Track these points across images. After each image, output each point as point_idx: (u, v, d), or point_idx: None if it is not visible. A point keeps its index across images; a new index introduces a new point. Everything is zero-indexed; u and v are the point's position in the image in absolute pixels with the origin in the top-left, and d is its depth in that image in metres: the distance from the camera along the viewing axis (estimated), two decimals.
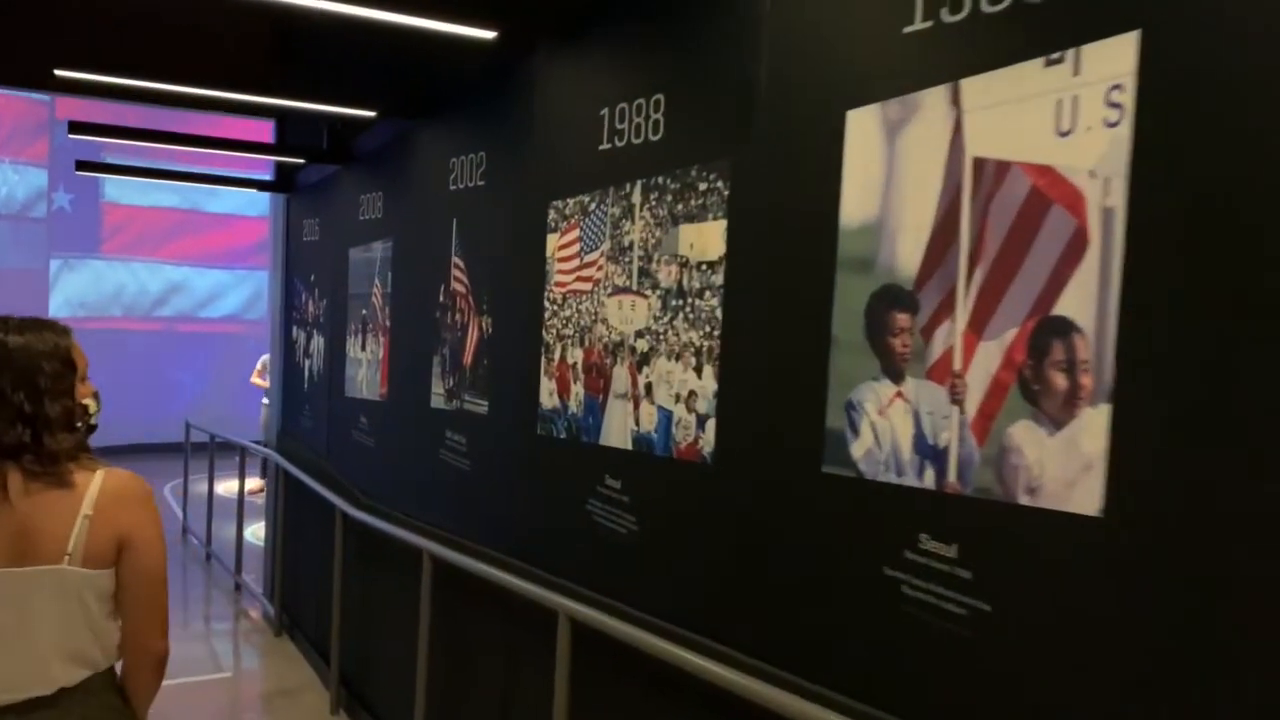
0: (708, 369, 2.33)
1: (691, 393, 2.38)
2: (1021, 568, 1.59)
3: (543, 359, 3.07)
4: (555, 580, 2.90)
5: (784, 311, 2.11)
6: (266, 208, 8.74)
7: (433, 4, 2.93)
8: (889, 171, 1.85)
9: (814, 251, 1.99)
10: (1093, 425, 1.48)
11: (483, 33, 3.04)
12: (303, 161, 5.63)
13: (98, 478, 1.83)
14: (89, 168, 6.51)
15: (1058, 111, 1.54)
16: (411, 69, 4.25)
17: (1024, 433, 1.59)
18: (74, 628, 1.80)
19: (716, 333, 2.30)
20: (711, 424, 2.31)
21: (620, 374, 2.67)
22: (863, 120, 1.90)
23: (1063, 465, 1.52)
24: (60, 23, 5.13)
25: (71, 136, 4.83)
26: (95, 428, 1.95)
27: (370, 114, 4.21)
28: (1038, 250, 1.57)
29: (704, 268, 2.34)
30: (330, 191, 5.47)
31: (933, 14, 1.77)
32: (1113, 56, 1.46)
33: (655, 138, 2.56)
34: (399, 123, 4.31)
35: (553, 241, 3.02)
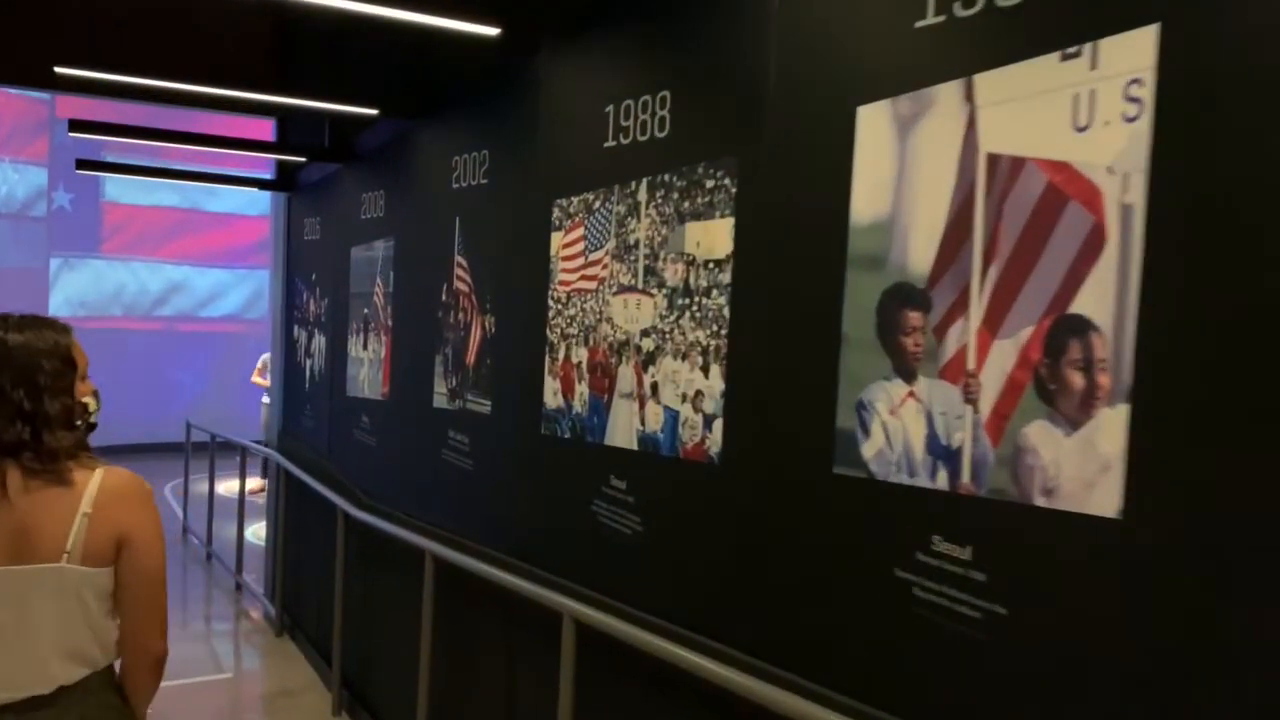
0: (715, 368, 2.30)
1: (698, 392, 2.35)
2: (1038, 570, 1.57)
3: (547, 358, 3.04)
4: (559, 581, 2.87)
5: (793, 310, 2.08)
6: (267, 207, 8.73)
7: (436, 0, 2.90)
8: (901, 168, 1.82)
9: (824, 249, 1.97)
10: (1111, 425, 1.45)
11: (486, 29, 3.02)
12: (304, 160, 5.61)
13: (97, 476, 1.83)
14: (89, 166, 6.48)
15: (1074, 106, 1.51)
16: (414, 67, 4.23)
17: (1040, 433, 1.56)
18: (73, 626, 1.79)
19: (724, 332, 2.28)
20: (719, 424, 2.28)
21: (625, 373, 2.65)
22: (874, 116, 1.88)
23: (1080, 466, 1.50)
24: (60, 21, 5.11)
25: (72, 135, 4.81)
26: (95, 426, 1.95)
27: (372, 112, 4.19)
28: (1054, 247, 1.55)
29: (711, 266, 2.32)
30: (332, 190, 5.44)
31: (945, 8, 1.75)
32: (1132, 50, 1.43)
33: (661, 135, 2.53)
34: (401, 121, 4.29)
35: (557, 240, 3.00)
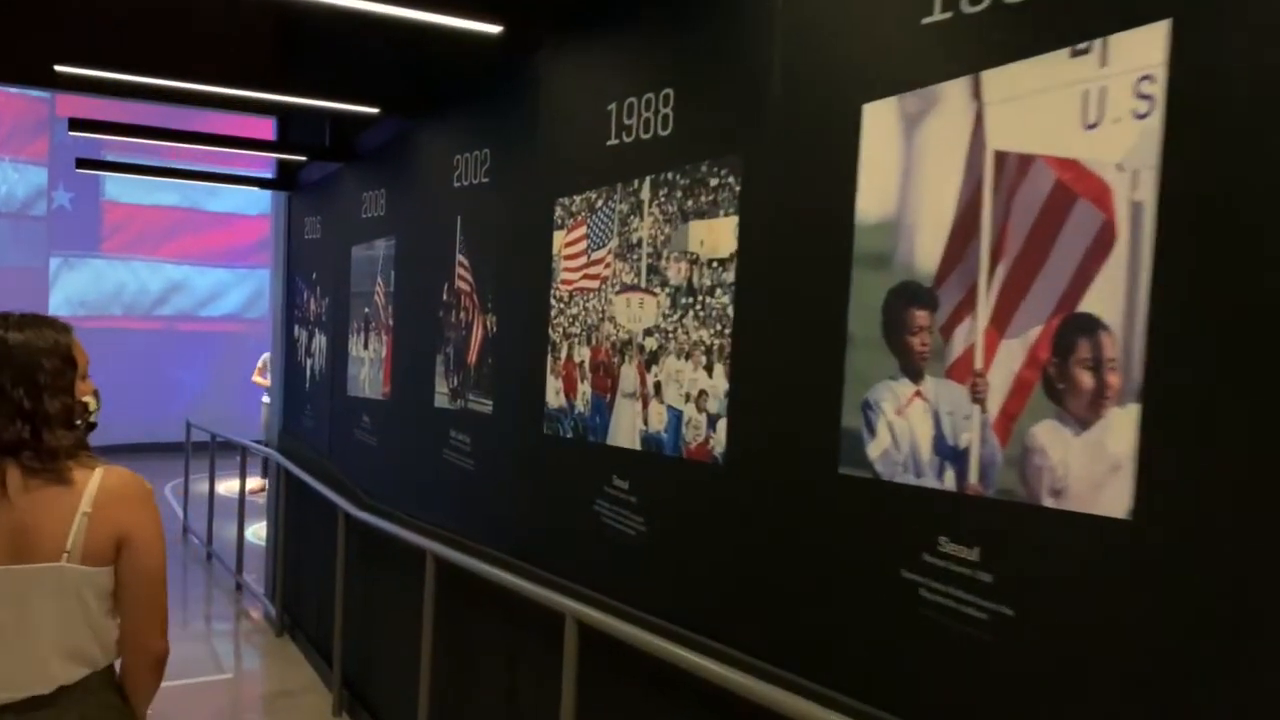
0: (719, 368, 2.29)
1: (702, 392, 2.34)
2: (1046, 571, 1.55)
3: (549, 358, 3.03)
4: (561, 582, 2.86)
5: (798, 309, 2.07)
6: (267, 206, 8.72)
7: None
8: (907, 166, 1.81)
9: (829, 248, 1.95)
10: (1120, 425, 1.44)
11: (488, 27, 3.00)
12: (305, 159, 5.59)
13: (97, 475, 1.82)
14: (89, 165, 6.47)
15: (1084, 103, 1.50)
16: (415, 65, 4.22)
17: (1048, 433, 1.55)
18: (73, 625, 1.79)
19: (728, 331, 2.26)
20: (723, 424, 2.27)
21: (628, 373, 2.64)
22: (880, 114, 1.87)
23: (1089, 466, 1.48)
24: (60, 19, 5.09)
25: (72, 134, 4.79)
26: (95, 425, 1.95)
27: (373, 111, 4.18)
28: (1062, 246, 1.53)
29: (715, 265, 2.30)
30: (332, 189, 5.43)
31: (952, 4, 1.73)
32: (1142, 46, 1.42)
33: (664, 133, 2.52)
34: (402, 120, 4.27)
35: (559, 239, 2.98)
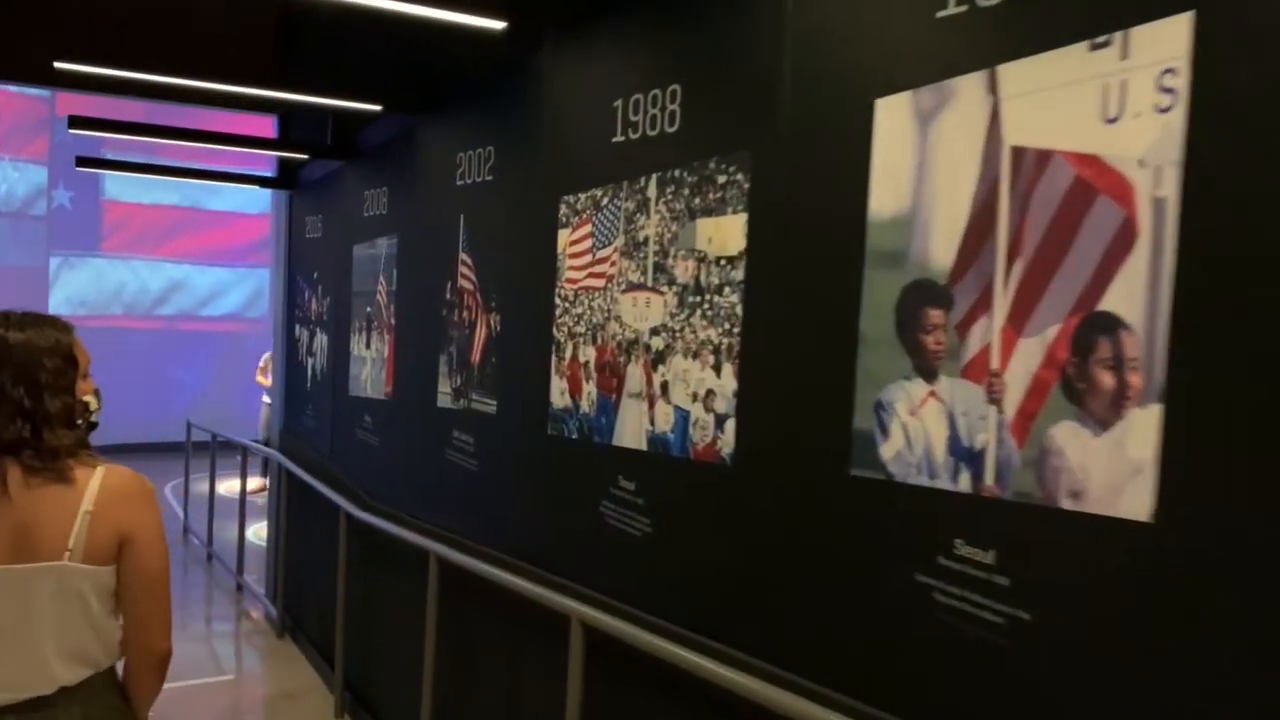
0: (727, 367, 2.26)
1: (710, 392, 2.31)
2: (1064, 575, 1.52)
3: (554, 357, 3.00)
4: (565, 583, 2.83)
5: (809, 308, 2.04)
6: (267, 205, 8.70)
7: None
8: (921, 162, 1.78)
9: (840, 245, 1.92)
10: (1142, 426, 1.41)
11: (492, 23, 2.97)
12: (306, 157, 5.55)
13: (98, 474, 1.81)
14: (89, 164, 6.43)
15: (1104, 97, 1.47)
16: (417, 62, 4.18)
17: (1067, 434, 1.52)
18: (75, 626, 1.77)
19: (736, 330, 2.23)
20: (731, 424, 2.24)
21: (634, 373, 2.61)
22: (893, 109, 1.84)
23: (1109, 468, 1.45)
24: (60, 17, 5.06)
25: (72, 132, 4.76)
26: (96, 425, 1.94)
27: (375, 108, 4.15)
28: (1082, 243, 1.50)
29: (723, 263, 2.28)
30: (334, 188, 5.40)
31: None
32: (1165, 39, 1.39)
33: (671, 129, 2.49)
34: (404, 117, 4.24)
35: (564, 237, 2.95)
